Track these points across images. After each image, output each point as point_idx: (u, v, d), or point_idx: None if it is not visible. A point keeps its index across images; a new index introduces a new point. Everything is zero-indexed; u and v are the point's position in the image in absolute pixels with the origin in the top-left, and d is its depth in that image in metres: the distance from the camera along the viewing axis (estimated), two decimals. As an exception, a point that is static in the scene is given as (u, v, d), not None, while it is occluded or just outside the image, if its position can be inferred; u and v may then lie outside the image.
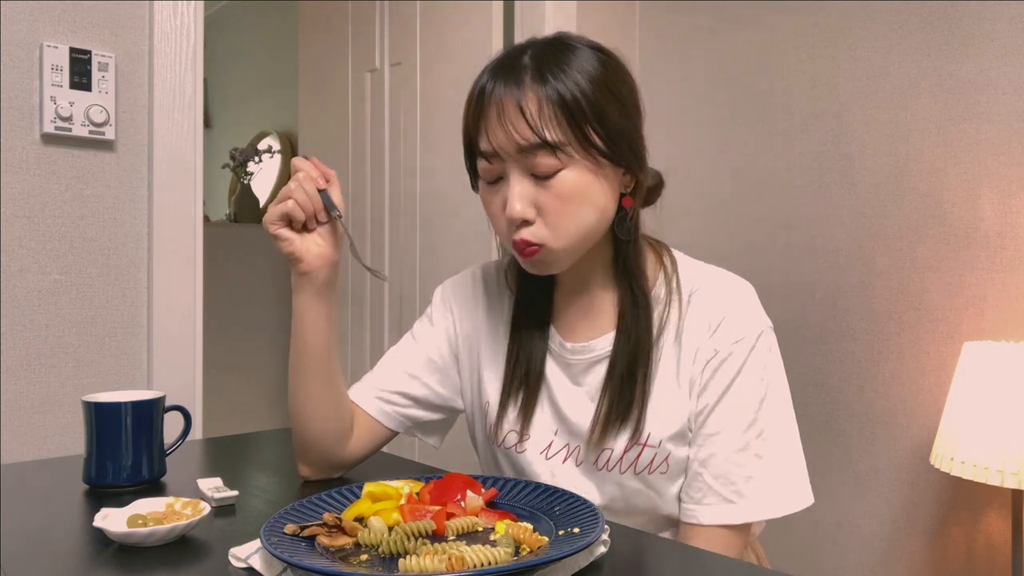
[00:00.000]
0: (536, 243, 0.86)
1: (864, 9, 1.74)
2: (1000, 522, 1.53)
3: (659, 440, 0.89)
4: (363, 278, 2.40)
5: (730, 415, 0.88)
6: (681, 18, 2.13)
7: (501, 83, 0.85)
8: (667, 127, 2.16)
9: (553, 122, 0.83)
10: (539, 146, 0.83)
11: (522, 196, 0.85)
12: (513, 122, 0.83)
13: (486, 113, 0.86)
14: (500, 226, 0.89)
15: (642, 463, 0.90)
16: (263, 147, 3.50)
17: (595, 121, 0.84)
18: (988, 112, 1.55)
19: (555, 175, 0.84)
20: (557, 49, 0.87)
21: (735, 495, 0.87)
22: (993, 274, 1.54)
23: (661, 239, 1.03)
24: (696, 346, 0.90)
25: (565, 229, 0.86)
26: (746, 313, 0.91)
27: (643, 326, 0.91)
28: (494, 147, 0.85)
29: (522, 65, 0.85)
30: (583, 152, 0.85)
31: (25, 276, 1.38)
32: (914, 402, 1.65)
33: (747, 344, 0.89)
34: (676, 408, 0.90)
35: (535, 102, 0.83)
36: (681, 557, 0.77)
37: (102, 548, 0.74)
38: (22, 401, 1.37)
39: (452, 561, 0.62)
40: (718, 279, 0.95)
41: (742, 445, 0.88)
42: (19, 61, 1.37)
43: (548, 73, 0.84)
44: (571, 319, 0.97)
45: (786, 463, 0.91)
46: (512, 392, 0.97)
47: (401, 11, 2.28)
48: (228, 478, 0.95)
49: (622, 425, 0.90)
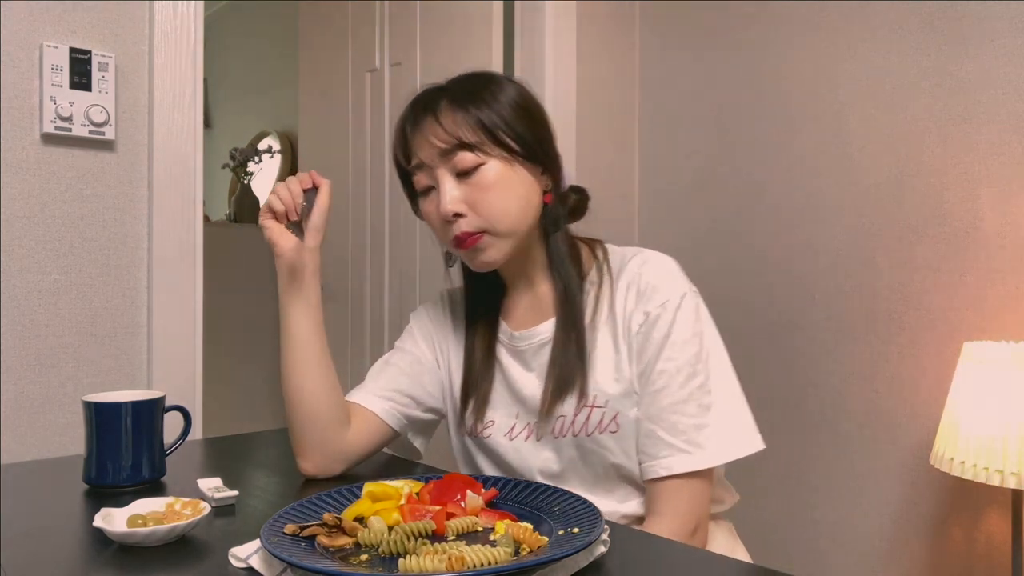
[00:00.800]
0: (473, 231, 0.96)
1: (864, 9, 1.74)
2: (1000, 522, 1.53)
3: (605, 400, 0.98)
4: (363, 278, 2.40)
5: (670, 370, 0.96)
6: (681, 18, 2.13)
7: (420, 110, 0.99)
8: (667, 127, 2.16)
9: (466, 126, 0.96)
10: (458, 146, 0.95)
11: (450, 193, 0.96)
12: (434, 133, 0.96)
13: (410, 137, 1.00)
14: (439, 229, 1.01)
15: (592, 423, 0.98)
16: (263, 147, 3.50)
17: (503, 124, 0.97)
18: (988, 112, 1.55)
19: (477, 169, 0.96)
20: (471, 78, 1.02)
21: (689, 444, 0.94)
22: (993, 274, 1.54)
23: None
24: (627, 312, 1.00)
25: (496, 215, 0.96)
26: (668, 279, 1.00)
27: (577, 306, 1.01)
28: (421, 159, 0.98)
29: (438, 95, 0.99)
30: (497, 149, 0.96)
31: (25, 276, 1.38)
32: (914, 402, 1.65)
33: (672, 304, 0.97)
34: (618, 370, 0.99)
35: (449, 113, 0.96)
36: (681, 557, 0.77)
37: (102, 548, 0.74)
38: (22, 401, 1.37)
39: (452, 561, 0.62)
40: (641, 255, 1.04)
41: (686, 396, 0.95)
42: (19, 61, 1.37)
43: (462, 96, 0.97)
44: (518, 312, 1.08)
45: (732, 411, 0.97)
46: (472, 384, 1.07)
47: (401, 11, 2.28)
48: (228, 478, 0.95)
49: (568, 391, 0.99)
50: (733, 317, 1.96)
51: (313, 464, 1.01)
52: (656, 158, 2.19)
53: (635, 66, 2.24)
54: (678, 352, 0.96)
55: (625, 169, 2.21)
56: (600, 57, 2.15)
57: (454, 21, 2.10)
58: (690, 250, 2.08)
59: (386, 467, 1.08)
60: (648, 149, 2.21)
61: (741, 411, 0.98)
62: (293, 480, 1.01)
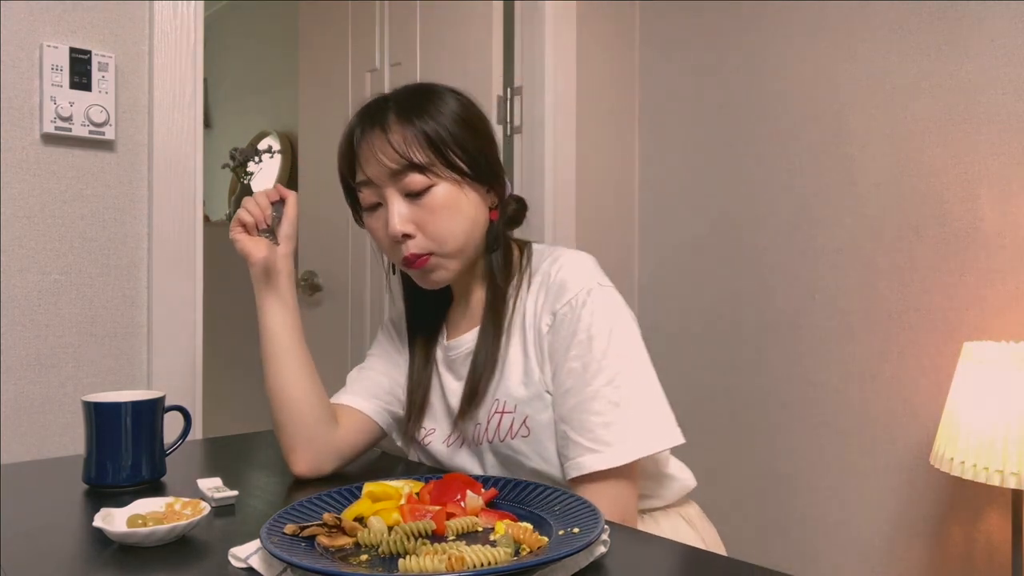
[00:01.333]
0: (421, 253, 0.97)
1: (864, 9, 1.74)
2: (1000, 522, 1.53)
3: (515, 405, 0.99)
4: (363, 281, 2.40)
5: (576, 369, 0.95)
6: (681, 18, 2.13)
7: (368, 125, 0.98)
8: (667, 127, 2.16)
9: (416, 148, 0.95)
10: (408, 167, 0.95)
11: (399, 214, 0.96)
12: (383, 151, 0.95)
13: (359, 151, 0.99)
14: (387, 247, 1.01)
15: (503, 429, 0.99)
16: (263, 147, 3.50)
17: (455, 146, 0.97)
18: (988, 112, 1.55)
19: (427, 191, 0.96)
20: (417, 92, 1.01)
21: (596, 442, 0.92)
22: (993, 274, 1.54)
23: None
24: (537, 314, 1.00)
25: (444, 237, 0.97)
26: (575, 276, 0.99)
27: (498, 313, 1.02)
28: (368, 176, 0.98)
29: (386, 108, 0.98)
30: (447, 170, 0.97)
31: (25, 276, 1.38)
32: (914, 402, 1.65)
33: (579, 301, 0.96)
34: (527, 374, 0.99)
35: (400, 132, 0.96)
36: (681, 557, 0.77)
37: (102, 548, 0.74)
38: (22, 401, 1.37)
39: (452, 561, 0.62)
40: (556, 255, 1.03)
41: (592, 394, 0.93)
42: (19, 61, 1.37)
43: (410, 111, 0.97)
44: (455, 321, 1.11)
45: (645, 405, 0.95)
46: (411, 392, 1.10)
47: (401, 11, 2.28)
48: (228, 478, 0.95)
49: (480, 398, 1.00)
50: (733, 317, 1.96)
51: (304, 462, 1.01)
52: (656, 158, 2.19)
53: (635, 66, 2.24)
54: (584, 349, 0.95)
55: (625, 169, 2.21)
56: (600, 57, 2.15)
57: (454, 21, 2.10)
58: (690, 250, 2.08)
59: (386, 467, 1.08)
60: (648, 149, 2.21)
61: (655, 404, 0.96)
62: (293, 480, 1.01)
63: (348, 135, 1.02)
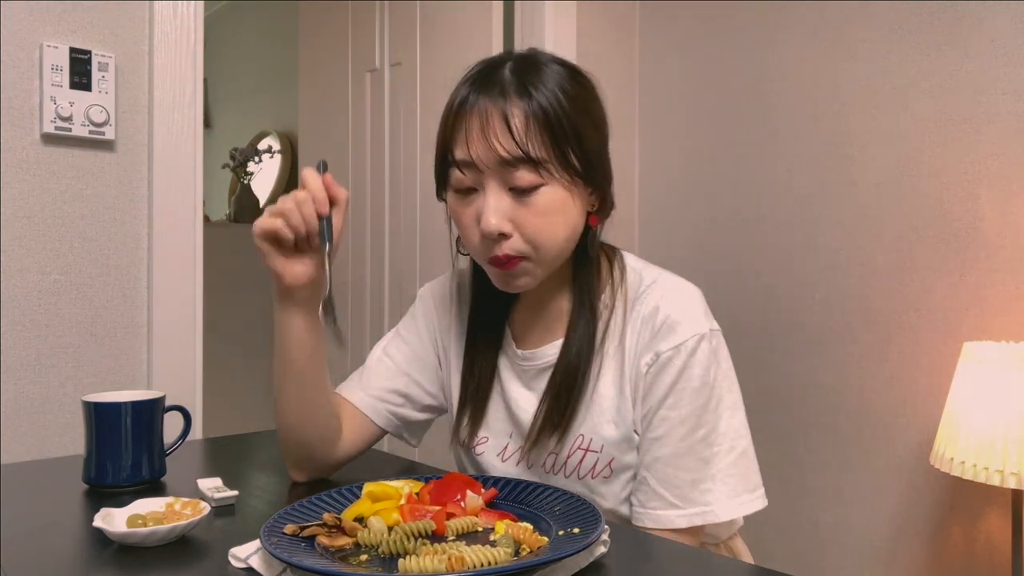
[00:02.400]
0: (515, 256, 0.87)
1: (864, 9, 1.74)
2: (1000, 522, 1.53)
3: (601, 445, 0.91)
4: (364, 279, 2.40)
5: (672, 419, 0.88)
6: (681, 18, 2.13)
7: (484, 95, 0.86)
8: (667, 127, 2.16)
9: (537, 138, 0.84)
10: (522, 160, 0.83)
11: (499, 210, 0.85)
12: (498, 134, 0.83)
13: (468, 123, 0.86)
14: (472, 239, 0.89)
15: (585, 467, 0.92)
16: (263, 147, 3.50)
17: (575, 142, 0.86)
18: (988, 112, 1.55)
19: (535, 191, 0.85)
20: (536, 65, 0.88)
21: (679, 499, 0.87)
22: (993, 274, 1.54)
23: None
24: (638, 350, 0.91)
25: (543, 243, 0.87)
26: (687, 317, 0.90)
27: (587, 335, 0.92)
28: (472, 158, 0.85)
29: (503, 78, 0.86)
30: (562, 171, 0.86)
31: (25, 276, 1.38)
32: (914, 402, 1.65)
33: (688, 348, 0.88)
34: (619, 413, 0.91)
35: (521, 116, 0.84)
36: (681, 557, 0.77)
37: (102, 548, 0.74)
38: (22, 401, 1.37)
39: (452, 561, 0.62)
40: (662, 283, 0.94)
41: (685, 449, 0.87)
42: (19, 61, 1.37)
43: (532, 88, 0.85)
44: (526, 325, 1.00)
45: (736, 466, 0.89)
46: (468, 396, 1.00)
47: (401, 11, 2.28)
48: (228, 478, 0.95)
49: (554, 430, 0.91)
50: (733, 317, 1.96)
51: (301, 476, 0.99)
52: (656, 158, 2.19)
53: (635, 66, 2.24)
54: (685, 401, 0.88)
55: (625, 169, 2.20)
56: (600, 57, 2.15)
57: (454, 21, 2.10)
58: (690, 250, 2.08)
59: (386, 467, 1.08)
60: (648, 149, 2.21)
61: (745, 466, 0.89)
62: (293, 480, 1.01)
63: (460, 101, 0.88)
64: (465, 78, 0.90)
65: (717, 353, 0.90)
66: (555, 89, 0.86)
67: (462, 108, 0.87)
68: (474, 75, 0.89)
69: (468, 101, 0.86)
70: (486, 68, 0.89)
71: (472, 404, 1.00)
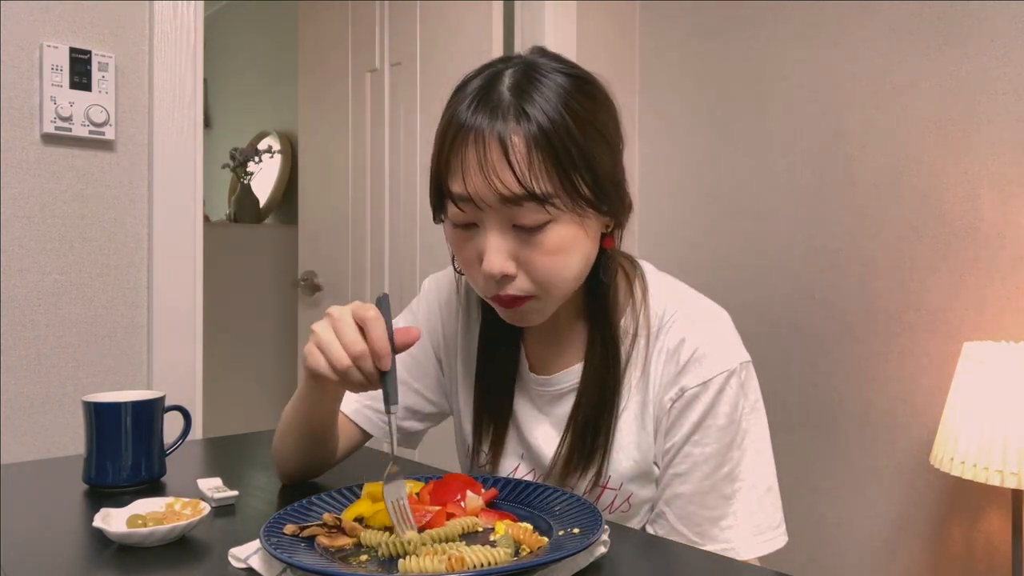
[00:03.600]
0: (521, 296, 0.80)
1: (864, 9, 1.74)
2: (1000, 522, 1.53)
3: (620, 483, 0.88)
4: (363, 278, 2.40)
5: (697, 456, 0.84)
6: (681, 18, 2.13)
7: (481, 118, 0.75)
8: (666, 127, 2.16)
9: (542, 170, 0.74)
10: (525, 198, 0.74)
11: (501, 250, 0.77)
12: (497, 170, 0.74)
13: (464, 154, 0.75)
14: (475, 277, 0.82)
15: (603, 504, 0.88)
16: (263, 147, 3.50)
17: (584, 169, 0.77)
18: (988, 112, 1.55)
19: (541, 228, 0.76)
20: (538, 78, 0.78)
21: (700, 536, 0.84)
22: (993, 274, 1.54)
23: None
24: (663, 384, 0.86)
25: (551, 283, 0.80)
26: (717, 350, 0.85)
27: (611, 367, 0.86)
28: (470, 194, 0.75)
29: (501, 98, 0.76)
30: (571, 204, 0.77)
31: (25, 276, 1.38)
32: (914, 402, 1.65)
33: (716, 384, 0.84)
34: (639, 449, 0.87)
35: (522, 145, 0.74)
36: (681, 557, 0.77)
37: (102, 548, 0.74)
38: (22, 401, 1.37)
39: (452, 561, 0.62)
40: (689, 310, 0.88)
41: (708, 488, 0.84)
42: (19, 61, 1.37)
43: (533, 110, 0.75)
44: (540, 348, 0.94)
45: (758, 504, 0.85)
46: (484, 424, 0.95)
47: (401, 11, 2.28)
48: (228, 478, 0.95)
49: (585, 469, 0.87)
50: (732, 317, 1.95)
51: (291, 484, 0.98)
52: (656, 158, 2.19)
53: (635, 66, 2.24)
54: (711, 439, 0.83)
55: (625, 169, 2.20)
56: (600, 57, 2.14)
57: (454, 21, 2.10)
58: (690, 250, 2.08)
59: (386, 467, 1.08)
60: (648, 149, 2.21)
61: (767, 504, 0.85)
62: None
63: (455, 126, 0.77)
64: (462, 92, 0.80)
65: (745, 387, 0.86)
66: (560, 107, 0.75)
67: (457, 134, 0.76)
68: (472, 93, 0.78)
69: (465, 125, 0.76)
70: (484, 83, 0.79)
71: (491, 433, 0.95)
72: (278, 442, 0.95)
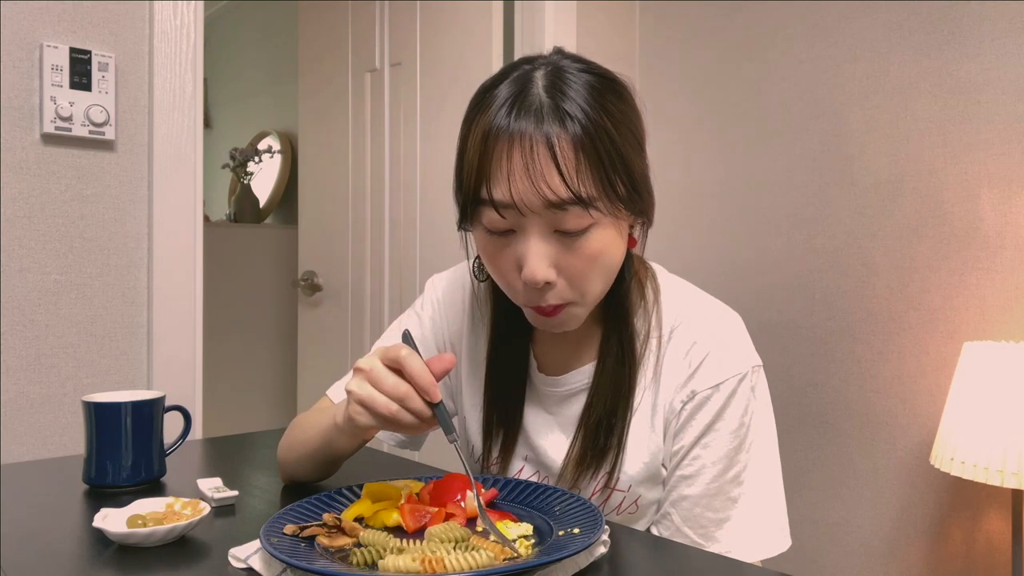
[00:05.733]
0: (562, 304, 0.79)
1: (864, 9, 1.74)
2: (1000, 522, 1.53)
3: (628, 484, 0.87)
4: (363, 278, 2.40)
5: (705, 460, 0.84)
6: (681, 18, 2.13)
7: (525, 123, 0.73)
8: (667, 127, 2.16)
9: (587, 175, 0.74)
10: (572, 202, 0.73)
11: (544, 256, 0.76)
12: (545, 175, 0.72)
13: (509, 158, 0.73)
14: (512, 285, 0.80)
15: (610, 506, 0.88)
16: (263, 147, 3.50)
17: (623, 172, 0.77)
18: (988, 112, 1.55)
19: (583, 233, 0.76)
20: (570, 79, 0.77)
21: (704, 538, 0.84)
22: (993, 274, 1.54)
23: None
24: (674, 387, 0.86)
25: (591, 289, 0.80)
26: (728, 354, 0.85)
27: (626, 367, 0.86)
28: (514, 199, 0.73)
29: (542, 102, 0.74)
30: (610, 207, 0.76)
31: (25, 276, 1.38)
32: (914, 402, 1.65)
33: (727, 389, 0.84)
34: (648, 451, 0.87)
35: (569, 150, 0.73)
36: (681, 558, 0.77)
37: (102, 548, 0.74)
38: (22, 401, 1.37)
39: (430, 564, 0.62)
40: (701, 313, 0.88)
41: (715, 490, 0.84)
42: (19, 61, 1.37)
43: (575, 111, 0.74)
44: (549, 349, 0.93)
45: (763, 507, 0.86)
46: (494, 427, 0.94)
47: (401, 11, 2.28)
48: (228, 478, 0.95)
49: (596, 471, 0.87)
50: (733, 317, 1.96)
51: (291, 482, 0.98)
52: (656, 158, 2.18)
53: (635, 66, 2.24)
54: (720, 442, 0.84)
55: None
56: (600, 57, 2.13)
57: (454, 21, 2.10)
58: (689, 250, 2.08)
59: (386, 467, 1.08)
60: (648, 149, 2.21)
61: (773, 507, 0.86)
62: (293, 480, 1.01)
63: (495, 131, 0.74)
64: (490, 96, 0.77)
65: (756, 390, 0.86)
66: (597, 108, 0.75)
67: (499, 139, 0.74)
68: (508, 97, 0.75)
69: (507, 129, 0.73)
70: (518, 88, 0.76)
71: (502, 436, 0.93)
72: (287, 454, 0.94)
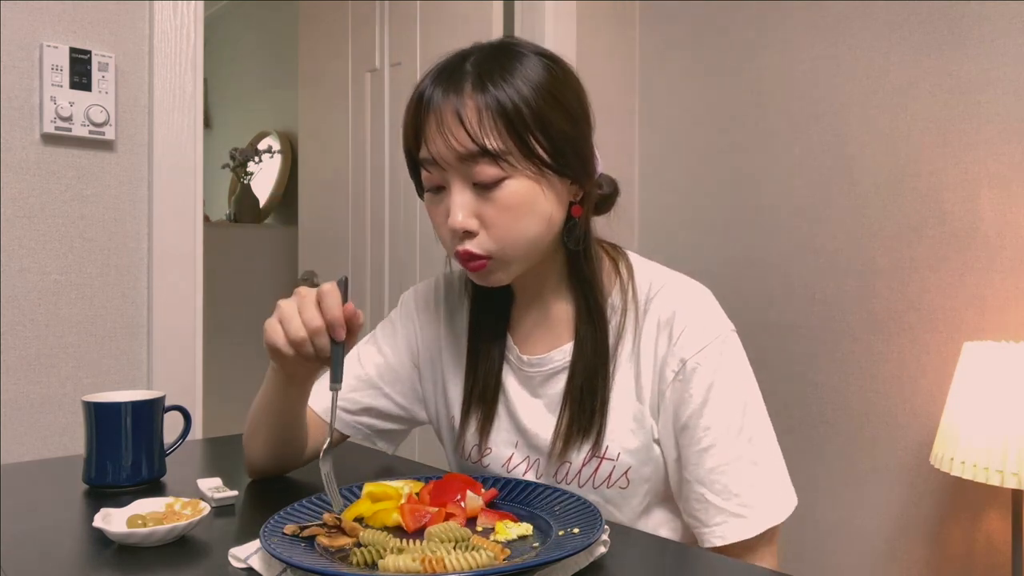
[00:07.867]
0: (481, 255, 0.84)
1: (864, 9, 1.74)
2: (1000, 522, 1.53)
3: (617, 453, 0.88)
4: (363, 278, 2.40)
5: (718, 426, 0.85)
6: (681, 18, 2.13)
7: (440, 89, 0.83)
8: (667, 127, 2.16)
9: (493, 131, 0.81)
10: (479, 154, 0.81)
11: (463, 206, 0.83)
12: (452, 130, 0.81)
13: (425, 120, 0.84)
14: (444, 236, 0.87)
15: (600, 476, 0.89)
16: (263, 147, 3.50)
17: (537, 130, 0.82)
18: (988, 112, 1.55)
19: (498, 185, 0.82)
20: (501, 56, 0.85)
21: (742, 507, 0.84)
22: (993, 274, 1.54)
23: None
24: (657, 356, 0.88)
25: (510, 240, 0.84)
26: (707, 318, 0.89)
27: (600, 337, 0.89)
28: (433, 155, 0.83)
29: (463, 72, 0.83)
30: (525, 162, 0.82)
31: (25, 276, 1.38)
32: (914, 402, 1.65)
33: (715, 350, 0.87)
34: (636, 421, 0.88)
35: (474, 110, 0.81)
36: (681, 557, 0.77)
37: (102, 548, 0.74)
38: (22, 401, 1.37)
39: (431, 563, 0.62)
40: (674, 284, 0.92)
41: (736, 455, 0.85)
42: (19, 61, 1.37)
43: (489, 81, 0.82)
44: (528, 330, 0.96)
45: (778, 463, 0.89)
46: (472, 407, 0.96)
47: (401, 11, 2.28)
48: (228, 478, 0.95)
49: (583, 438, 0.88)
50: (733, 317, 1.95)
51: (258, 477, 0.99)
52: (656, 158, 2.19)
53: (635, 66, 2.24)
54: (725, 406, 0.86)
55: (625, 169, 2.21)
56: (600, 57, 2.15)
57: (454, 21, 2.10)
58: (690, 250, 2.08)
59: (386, 467, 1.08)
60: (648, 149, 2.21)
61: (780, 463, 0.89)
62: (293, 480, 1.01)
63: (417, 98, 0.85)
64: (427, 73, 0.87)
65: (740, 355, 0.90)
66: (516, 78, 0.82)
67: (419, 104, 0.85)
68: (435, 70, 0.86)
69: (424, 96, 0.84)
70: (448, 62, 0.86)
71: (479, 416, 0.96)
72: (247, 435, 0.97)
